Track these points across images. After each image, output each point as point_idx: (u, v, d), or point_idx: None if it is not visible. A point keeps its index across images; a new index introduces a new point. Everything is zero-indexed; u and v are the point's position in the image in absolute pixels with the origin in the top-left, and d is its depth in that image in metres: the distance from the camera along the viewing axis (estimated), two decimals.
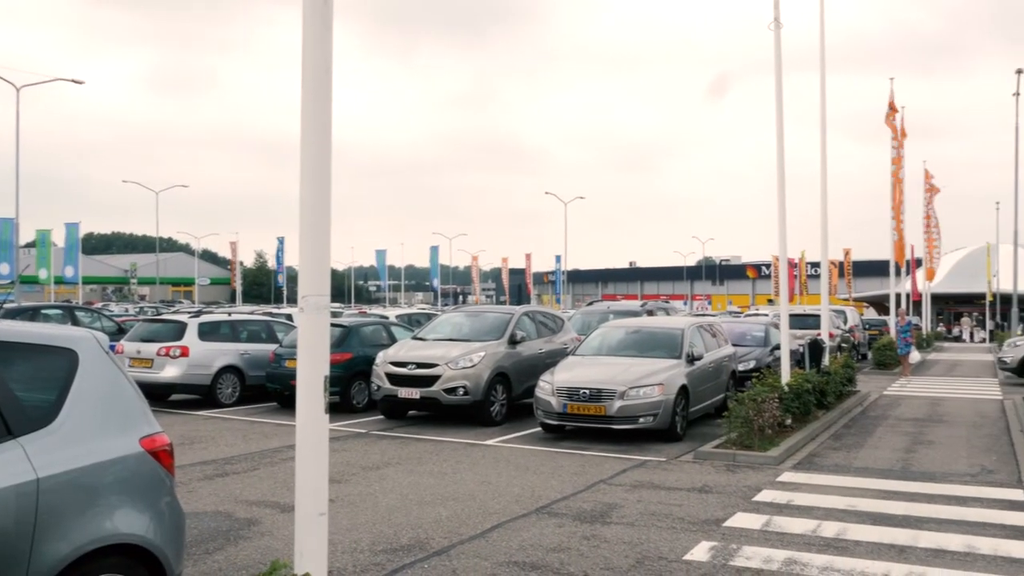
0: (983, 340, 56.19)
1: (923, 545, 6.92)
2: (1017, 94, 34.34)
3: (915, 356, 24.14)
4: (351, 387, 15.21)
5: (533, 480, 9.45)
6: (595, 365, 12.72)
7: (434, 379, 13.38)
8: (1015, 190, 35.31)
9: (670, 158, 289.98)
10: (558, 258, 73.28)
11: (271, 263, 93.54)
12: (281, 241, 74.84)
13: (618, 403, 11.58)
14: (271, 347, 16.47)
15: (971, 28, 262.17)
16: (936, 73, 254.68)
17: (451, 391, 13.28)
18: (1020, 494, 8.87)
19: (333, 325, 16.31)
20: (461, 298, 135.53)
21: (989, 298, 55.06)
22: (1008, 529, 7.45)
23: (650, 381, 11.82)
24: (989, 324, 57.66)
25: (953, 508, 8.24)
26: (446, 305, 72.93)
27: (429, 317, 20.85)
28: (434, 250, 74.77)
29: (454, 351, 13.70)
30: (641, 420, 11.63)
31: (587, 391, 11.77)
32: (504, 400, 13.85)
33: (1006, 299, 46.40)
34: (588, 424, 11.92)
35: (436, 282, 77.72)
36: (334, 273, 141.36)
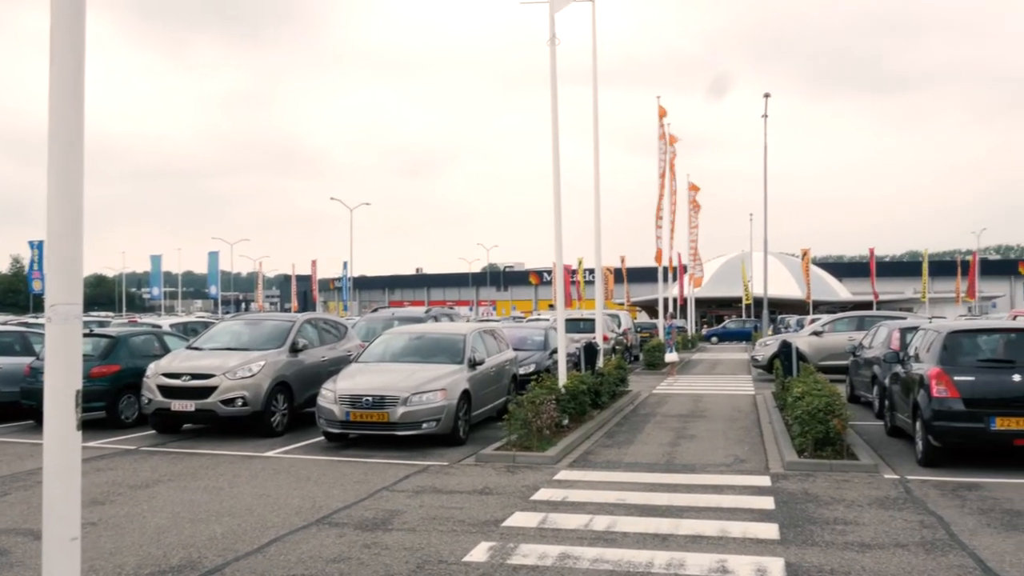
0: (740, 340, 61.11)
1: (683, 532, 7.43)
2: (765, 116, 37.67)
3: (672, 356, 25.89)
4: (119, 401, 14.26)
5: (314, 490, 9.27)
6: (378, 372, 12.67)
7: (210, 390, 12.80)
8: (765, 202, 38.70)
9: (455, 165, 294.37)
10: (345, 264, 72.19)
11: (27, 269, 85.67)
12: (36, 245, 68.72)
13: (401, 409, 11.60)
14: (27, 360, 15.14)
15: (726, 52, 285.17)
16: (698, 92, 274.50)
17: (229, 402, 12.76)
18: (767, 480, 9.73)
19: (100, 335, 15.26)
20: (243, 306, 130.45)
21: (746, 301, 60.02)
22: (756, 513, 8.16)
23: (433, 387, 11.93)
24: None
25: (710, 496, 8.91)
26: (226, 313, 69.98)
27: (207, 326, 19.94)
28: (213, 256, 71.50)
29: (232, 360, 13.18)
30: (424, 425, 11.71)
31: (370, 398, 11.70)
32: (285, 410, 13.49)
33: (760, 302, 50.84)
34: (372, 431, 11.86)
35: (215, 289, 74.24)
36: (104, 280, 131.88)
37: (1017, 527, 7.56)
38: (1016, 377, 9.97)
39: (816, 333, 24.33)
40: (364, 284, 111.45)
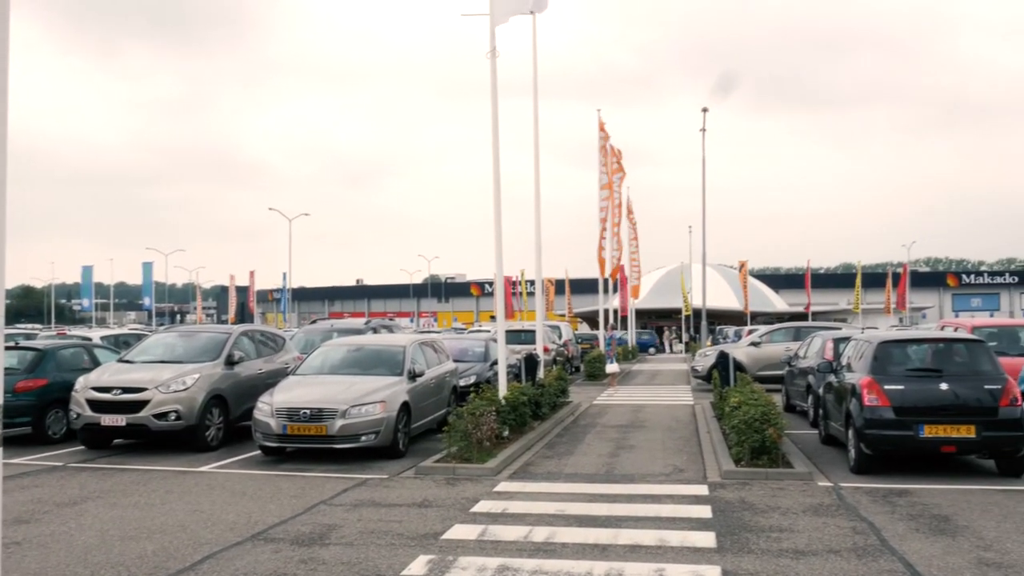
0: (680, 351, 61.86)
1: (622, 542, 7.46)
2: (703, 130, 38.33)
3: (612, 367, 26.13)
4: (46, 416, 13.81)
5: (250, 506, 9.09)
6: (316, 384, 12.50)
7: (142, 404, 12.49)
8: (703, 215, 39.31)
9: (396, 175, 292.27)
10: (284, 275, 71.20)
11: None
12: None
13: (340, 422, 11.46)
14: None
15: (665, 67, 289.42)
16: (636, 106, 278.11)
17: (161, 416, 12.46)
18: (705, 489, 9.84)
19: (26, 348, 14.79)
20: (179, 317, 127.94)
21: (686, 312, 60.73)
22: (694, 522, 8.23)
23: (372, 399, 11.82)
24: (685, 336, 63.62)
25: (649, 506, 8.97)
26: (160, 325, 68.45)
27: (139, 338, 19.46)
28: (147, 266, 69.97)
29: (165, 374, 12.88)
30: (363, 438, 11.58)
31: (308, 411, 11.53)
32: (221, 424, 13.22)
33: (700, 313, 51.46)
34: (309, 444, 11.69)
35: (148, 300, 72.60)
36: (32, 291, 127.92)
37: (944, 532, 7.76)
38: (943, 386, 10.26)
39: (754, 344, 24.71)
40: (303, 295, 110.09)
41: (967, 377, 10.42)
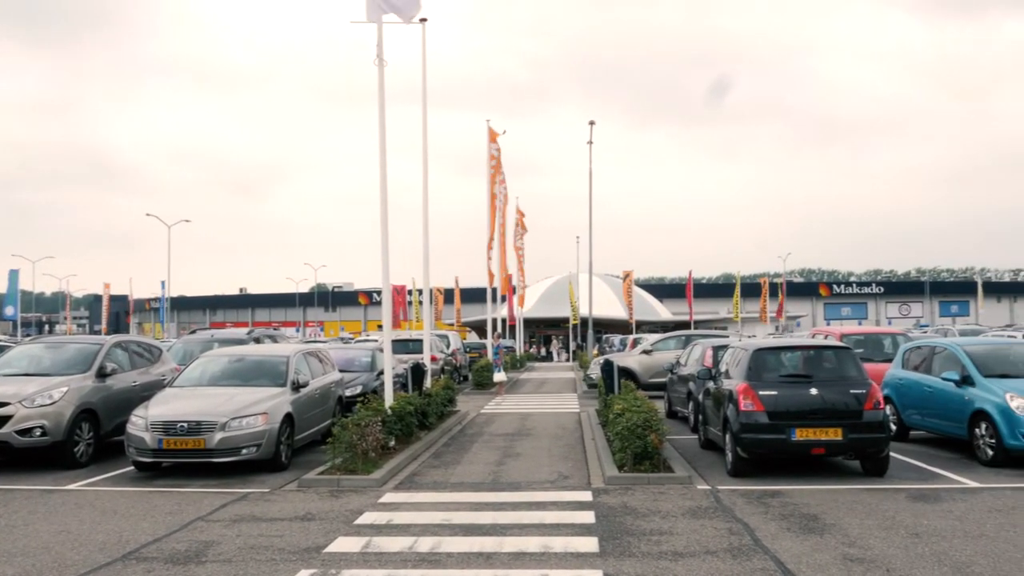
0: (567, 359, 62.70)
1: (507, 550, 7.49)
2: (591, 143, 39.05)
3: (500, 376, 26.31)
4: None
5: (122, 524, 8.71)
6: (195, 396, 12.09)
7: (4, 420, 11.78)
8: (590, 226, 40.03)
9: (281, 182, 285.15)
10: (163, 284, 68.70)
11: None
12: None
13: (219, 435, 11.11)
14: None
15: (554, 79, 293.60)
16: (525, 116, 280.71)
17: (25, 432, 11.78)
18: (589, 495, 9.98)
19: None
20: (47, 328, 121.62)
21: (573, 321, 61.62)
22: (577, 527, 8.34)
23: (253, 410, 11.51)
24: (572, 345, 64.54)
25: (534, 513, 9.04)
26: (26, 335, 64.98)
27: (2, 350, 18.34)
28: (13, 274, 66.27)
29: (29, 387, 12.20)
30: (244, 451, 11.26)
31: (185, 424, 11.14)
32: (91, 439, 12.61)
33: (587, 322, 52.31)
34: (187, 459, 11.28)
35: (13, 310, 68.68)
36: None
37: (813, 530, 8.11)
38: (813, 391, 10.74)
39: (646, 352, 25.24)
40: (183, 304, 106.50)
41: (835, 382, 10.94)
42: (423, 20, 18.44)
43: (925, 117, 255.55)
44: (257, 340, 19.18)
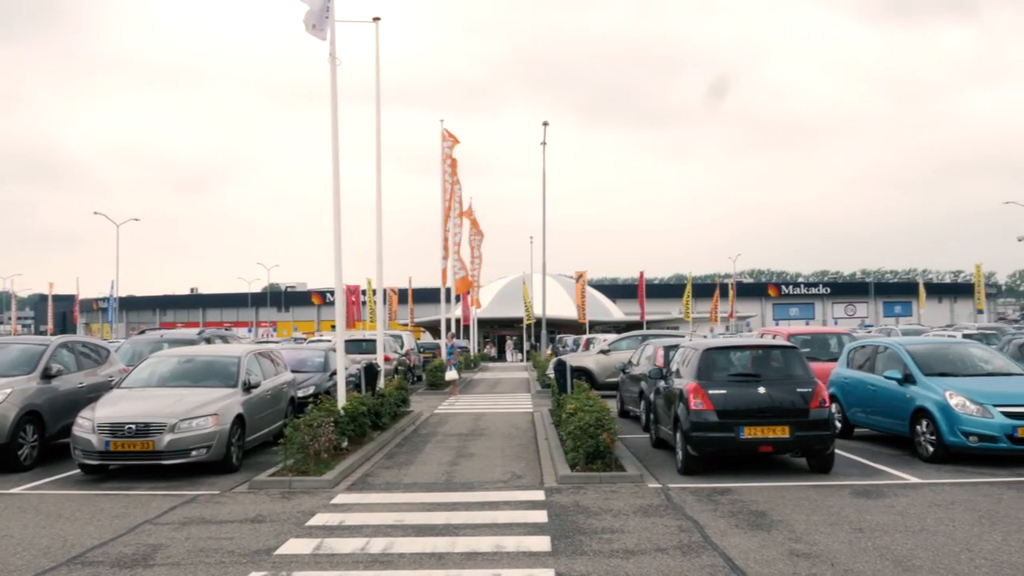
0: (521, 359, 62.82)
1: (459, 550, 7.52)
2: (544, 143, 39.18)
3: (451, 374, 26.34)
4: None
5: (67, 528, 8.56)
6: (143, 398, 11.92)
7: None
8: (543, 226, 40.17)
9: (234, 181, 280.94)
10: (112, 283, 67.35)
11: None
12: None
13: (168, 437, 10.96)
14: None
15: (507, 80, 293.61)
16: (479, 116, 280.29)
17: None
18: (541, 495, 10.05)
19: None
20: None
21: (527, 321, 61.73)
22: (530, 527, 8.40)
23: (203, 412, 11.38)
24: (526, 345, 64.68)
25: (487, 513, 9.07)
26: None
27: None
28: None
29: None
30: (194, 453, 11.13)
31: (133, 426, 10.97)
32: (35, 442, 12.35)
33: (540, 322, 52.46)
34: (135, 461, 11.11)
35: None
36: None
37: (761, 526, 8.26)
38: (761, 390, 10.93)
39: (603, 351, 25.40)
40: (133, 305, 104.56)
41: (782, 381, 11.15)
42: (376, 19, 18.40)
43: (871, 122, 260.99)
44: (208, 340, 18.94)
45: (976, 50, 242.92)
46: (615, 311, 79.13)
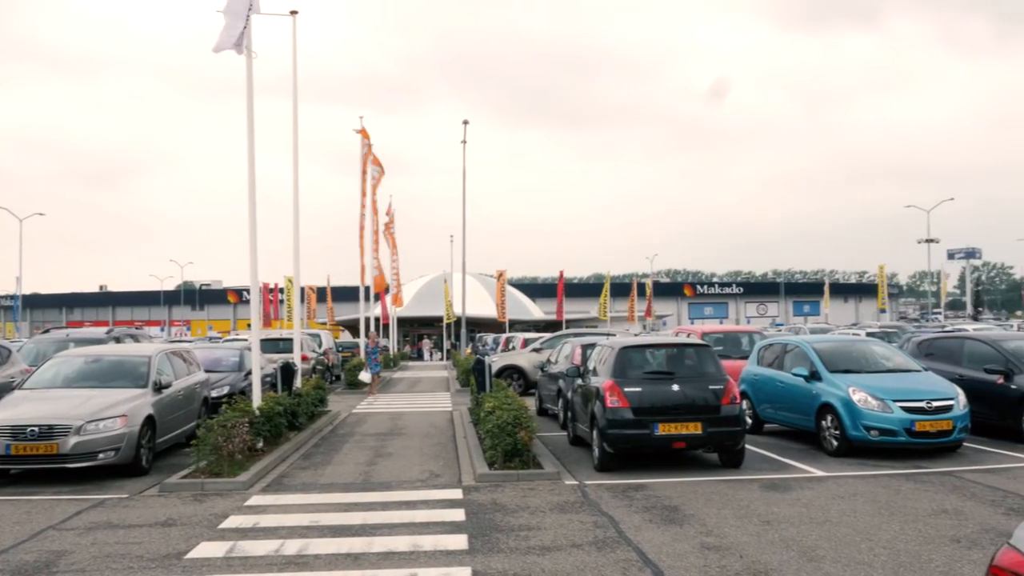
0: (441, 358, 62.71)
1: (376, 550, 7.49)
2: (464, 142, 39.18)
3: (364, 375, 26.20)
4: None
5: None
6: (47, 399, 11.51)
7: None
8: (464, 225, 40.20)
9: (145, 175, 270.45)
10: (18, 280, 64.71)
11: None
12: None
13: (74, 439, 10.61)
14: None
15: (427, 77, 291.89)
16: (399, 113, 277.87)
17: None
18: (459, 493, 10.07)
19: None
20: None
21: (448, 320, 61.63)
22: (447, 525, 8.41)
23: (111, 413, 11.05)
24: (447, 344, 64.58)
25: (404, 512, 9.05)
26: None
27: None
28: None
29: None
30: (101, 456, 10.80)
31: (36, 428, 10.58)
32: None
33: (460, 321, 52.41)
34: (38, 465, 10.71)
35: None
36: None
37: (674, 521, 8.45)
38: (675, 387, 11.17)
39: (536, 350, 25.51)
40: (38, 303, 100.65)
41: (695, 379, 11.41)
42: (293, 12, 18.13)
43: (784, 127, 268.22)
44: (117, 340, 18.37)
45: (879, 58, 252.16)
46: (535, 310, 79.63)
